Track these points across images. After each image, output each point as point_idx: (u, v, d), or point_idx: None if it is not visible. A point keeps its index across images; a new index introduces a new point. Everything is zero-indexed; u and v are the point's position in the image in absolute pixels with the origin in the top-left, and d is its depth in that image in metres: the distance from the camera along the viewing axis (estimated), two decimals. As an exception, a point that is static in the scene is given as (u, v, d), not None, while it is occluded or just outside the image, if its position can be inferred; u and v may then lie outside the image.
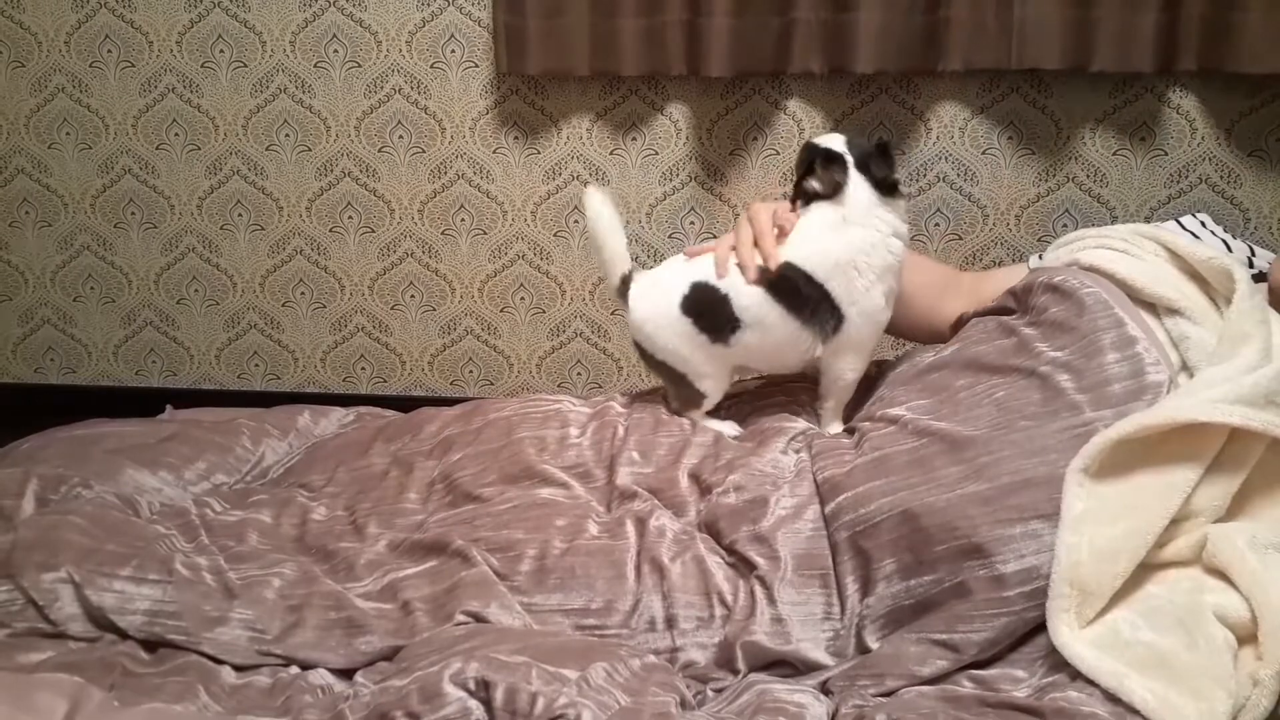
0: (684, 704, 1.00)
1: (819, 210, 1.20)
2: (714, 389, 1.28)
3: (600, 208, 1.27)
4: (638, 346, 1.30)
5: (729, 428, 1.29)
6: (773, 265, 1.19)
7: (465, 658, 0.98)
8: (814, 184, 1.20)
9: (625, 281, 1.27)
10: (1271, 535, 0.95)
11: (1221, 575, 0.95)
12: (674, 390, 1.30)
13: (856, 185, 1.19)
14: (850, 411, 1.30)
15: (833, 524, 1.11)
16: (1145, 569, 0.97)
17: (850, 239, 1.19)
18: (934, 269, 1.42)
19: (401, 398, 1.96)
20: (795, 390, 1.36)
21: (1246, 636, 0.91)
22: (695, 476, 1.22)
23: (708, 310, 1.23)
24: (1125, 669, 0.89)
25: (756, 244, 1.20)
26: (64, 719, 0.73)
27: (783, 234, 1.20)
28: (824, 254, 1.19)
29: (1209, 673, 0.87)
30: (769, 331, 1.22)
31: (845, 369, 1.25)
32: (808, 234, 1.20)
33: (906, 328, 1.38)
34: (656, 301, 1.26)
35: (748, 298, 1.21)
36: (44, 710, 0.73)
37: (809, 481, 1.17)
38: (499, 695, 0.92)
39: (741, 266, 1.21)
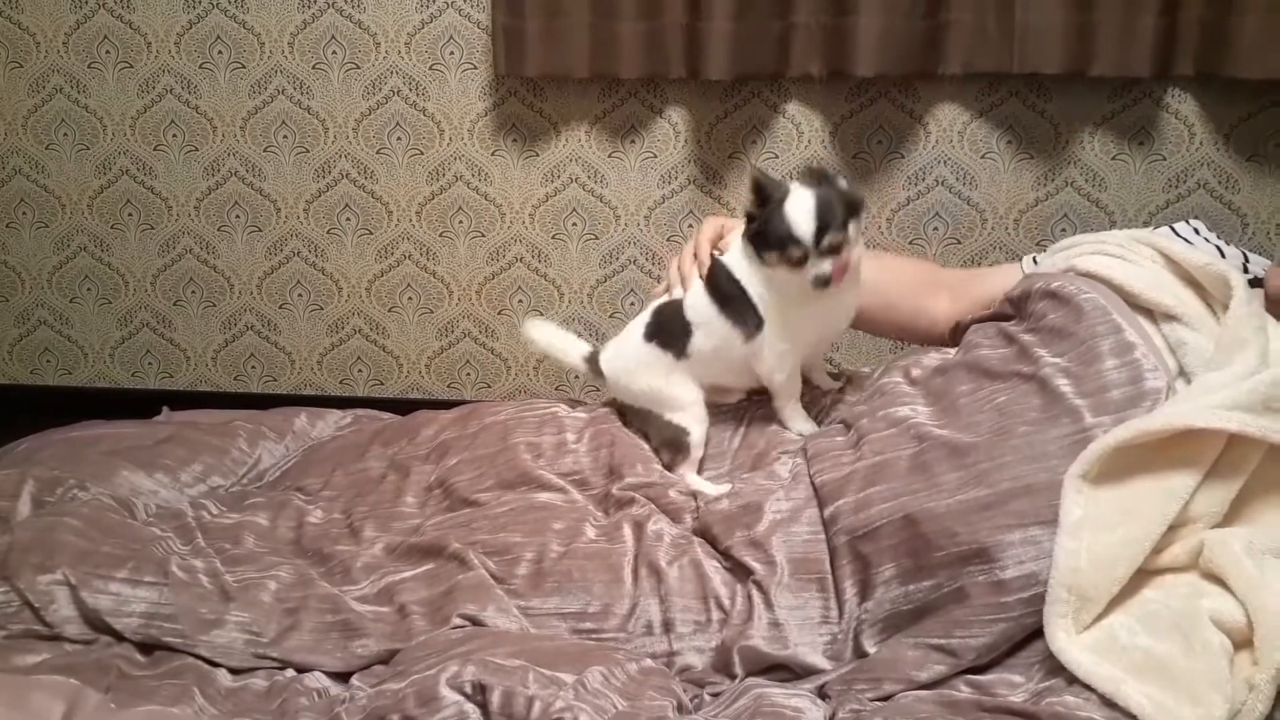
0: (681, 708, 1.00)
1: None
2: (694, 421, 1.27)
3: (540, 335, 1.41)
4: (620, 407, 1.35)
5: (713, 489, 1.26)
6: (701, 272, 1.26)
7: (462, 661, 0.98)
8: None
9: (593, 359, 1.36)
10: (1268, 541, 0.95)
11: (1218, 580, 0.94)
12: (660, 439, 1.29)
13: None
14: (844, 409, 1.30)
15: (831, 528, 1.11)
16: (1143, 574, 0.97)
17: None
18: (912, 270, 1.43)
19: (398, 400, 1.96)
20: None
21: (1242, 641, 0.91)
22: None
23: (666, 325, 1.29)
24: (1122, 674, 0.89)
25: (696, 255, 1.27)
26: (61, 721, 0.73)
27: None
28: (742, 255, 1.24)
29: (1205, 678, 0.87)
30: (711, 331, 1.26)
31: (772, 370, 1.26)
32: (738, 236, 1.25)
33: (896, 330, 1.39)
34: (621, 351, 1.33)
35: (693, 296, 1.27)
36: (40, 712, 0.73)
37: (805, 485, 1.17)
38: (495, 699, 0.92)
39: (681, 276, 1.27)
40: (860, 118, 1.76)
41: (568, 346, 1.39)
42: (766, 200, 1.17)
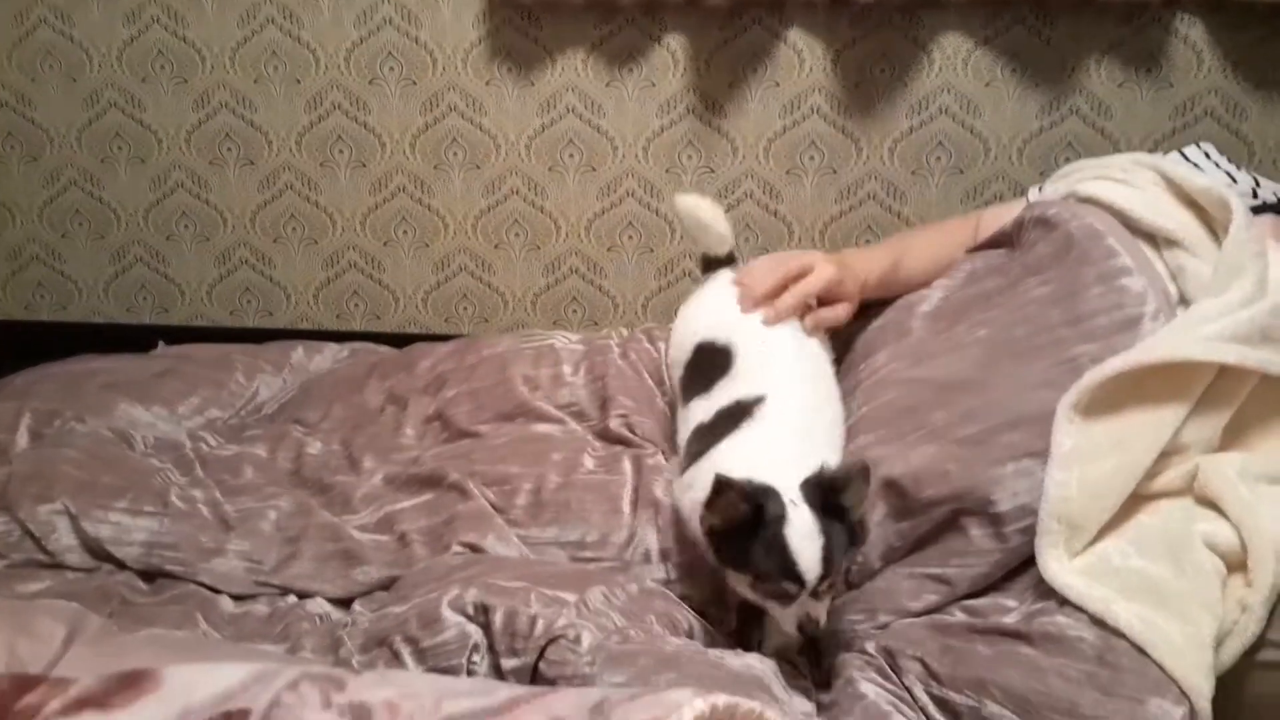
0: (677, 627, 1.01)
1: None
2: None
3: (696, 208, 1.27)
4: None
5: None
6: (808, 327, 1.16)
7: (464, 584, 0.99)
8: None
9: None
10: (1263, 466, 0.95)
11: (1212, 505, 0.95)
12: None
13: None
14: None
15: None
16: (1136, 499, 0.97)
17: None
18: (960, 230, 1.37)
19: (396, 335, 1.95)
20: None
21: (1236, 564, 0.92)
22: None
23: None
24: (1113, 595, 0.90)
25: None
26: (63, 643, 0.74)
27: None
28: None
29: (1196, 598, 0.88)
30: None
31: None
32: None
33: None
34: None
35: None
36: (43, 635, 0.74)
37: None
38: (498, 618, 0.93)
39: (774, 309, 1.14)
40: (863, 45, 1.72)
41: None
42: (759, 513, 0.92)
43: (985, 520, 1.00)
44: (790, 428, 1.03)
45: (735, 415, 1.03)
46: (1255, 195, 1.20)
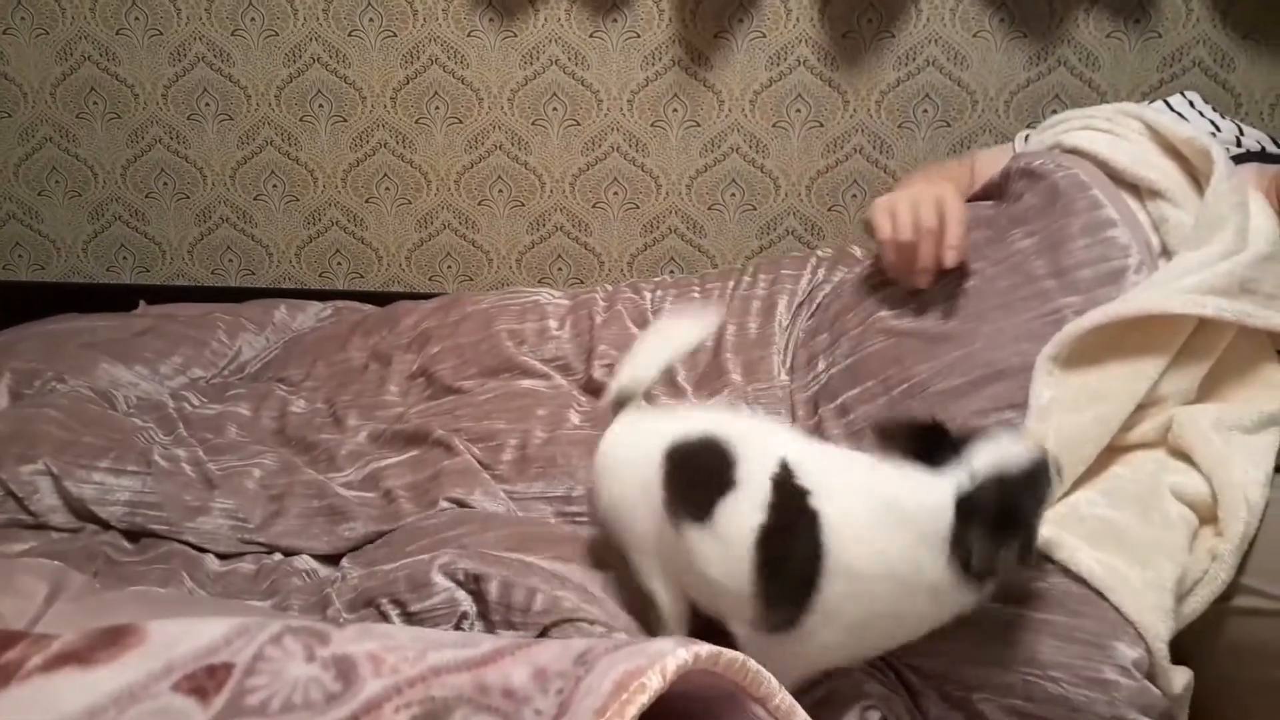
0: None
1: None
2: None
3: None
4: None
5: None
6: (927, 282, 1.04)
7: (456, 549, 0.98)
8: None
9: None
10: (1236, 417, 0.96)
11: (1185, 457, 0.95)
12: None
13: None
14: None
15: (818, 434, 1.11)
16: (1111, 451, 0.98)
17: None
18: (959, 173, 1.35)
19: (379, 293, 1.93)
20: None
21: (1208, 515, 0.93)
22: (672, 375, 1.21)
23: None
24: (1078, 542, 0.90)
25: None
26: (45, 600, 0.74)
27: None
28: None
29: (1158, 545, 0.89)
30: None
31: None
32: None
33: None
34: None
35: None
36: (25, 592, 0.74)
37: (785, 402, 1.17)
38: (493, 588, 0.91)
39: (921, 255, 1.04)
40: (850, -5, 1.70)
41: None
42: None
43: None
44: None
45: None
46: (1239, 144, 1.20)
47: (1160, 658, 0.84)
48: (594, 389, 1.23)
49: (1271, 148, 1.21)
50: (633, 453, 0.91)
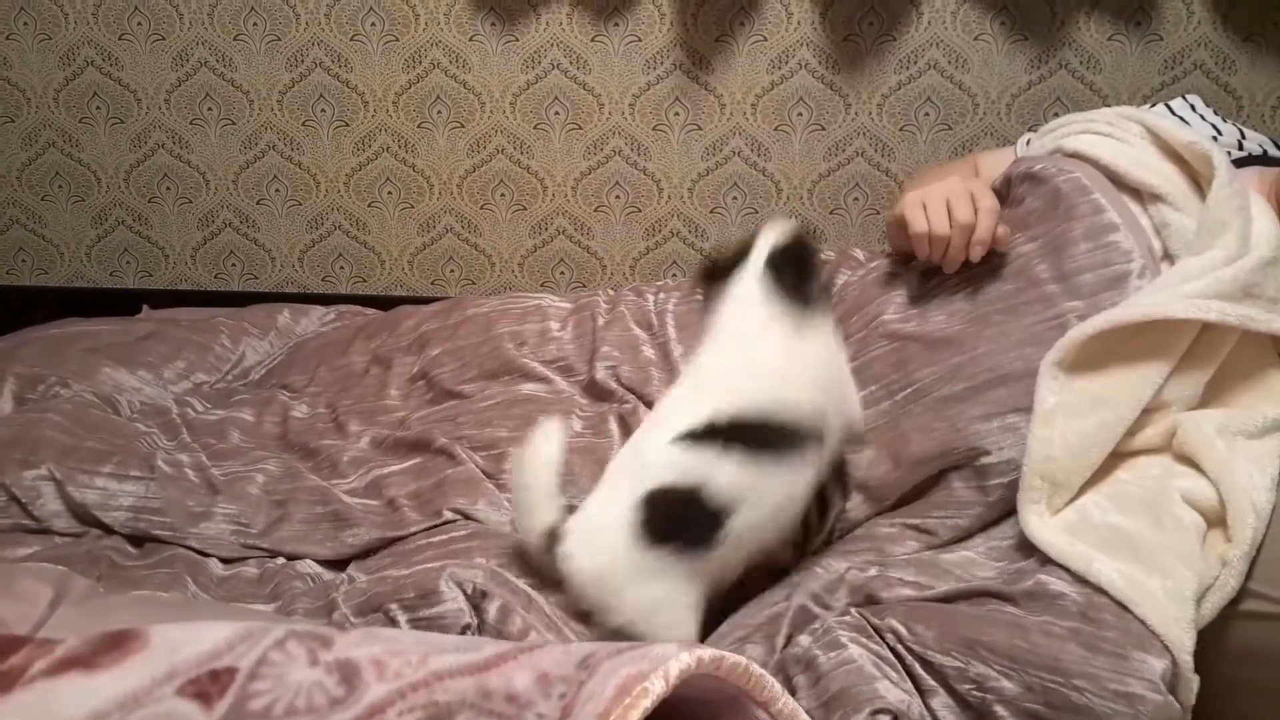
0: None
1: None
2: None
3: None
4: None
5: None
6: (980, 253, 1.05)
7: (466, 561, 0.98)
8: None
9: None
10: (1241, 422, 0.96)
11: (1190, 462, 0.95)
12: None
13: None
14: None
15: None
16: (1116, 456, 0.98)
17: None
18: (964, 173, 1.35)
19: (382, 298, 1.94)
20: None
21: (1215, 520, 0.93)
22: (673, 377, 1.21)
23: None
24: (1094, 551, 0.90)
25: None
26: (49, 605, 0.74)
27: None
28: None
29: (1175, 552, 0.89)
30: None
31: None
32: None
33: None
34: None
35: None
36: (29, 597, 0.74)
37: None
38: (493, 610, 0.91)
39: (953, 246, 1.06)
40: (851, -1, 1.71)
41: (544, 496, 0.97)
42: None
43: (969, 474, 1.01)
44: None
45: None
46: (1241, 147, 1.20)
47: (1186, 670, 0.83)
48: (596, 391, 1.23)
49: (1273, 151, 1.21)
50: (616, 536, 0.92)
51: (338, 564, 1.10)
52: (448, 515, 1.11)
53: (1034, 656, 0.84)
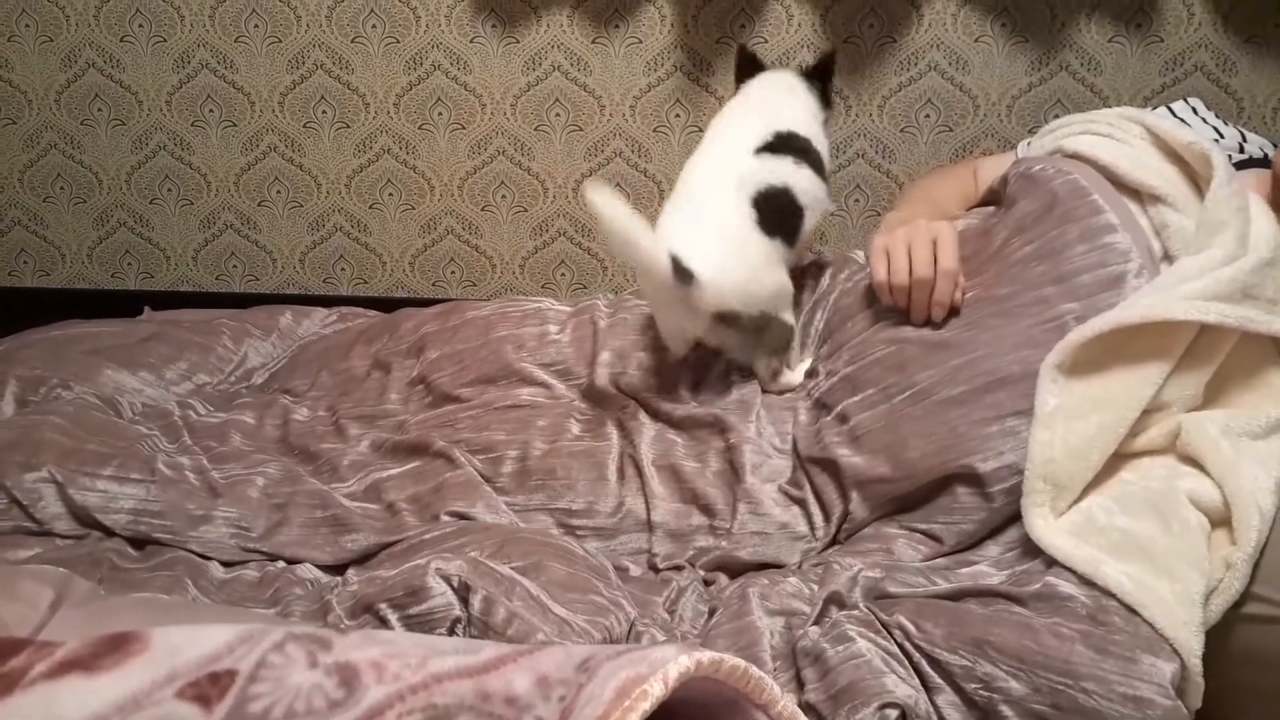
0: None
1: None
2: (789, 311, 1.19)
3: (612, 212, 1.06)
4: (712, 323, 1.13)
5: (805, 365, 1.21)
6: (950, 299, 1.09)
7: (453, 554, 0.98)
8: None
9: (681, 268, 1.07)
10: (1244, 423, 0.96)
11: (1195, 463, 0.95)
12: (778, 343, 1.16)
13: None
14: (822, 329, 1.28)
15: (816, 442, 1.11)
16: (1119, 457, 0.98)
17: None
18: (963, 176, 1.36)
19: (383, 299, 1.94)
20: None
21: (1219, 521, 0.93)
22: (674, 381, 1.21)
23: (779, 214, 1.14)
24: (1101, 554, 0.90)
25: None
26: (50, 606, 0.74)
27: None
28: None
29: (1183, 555, 0.88)
30: (817, 208, 1.21)
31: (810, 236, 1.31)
32: (800, 103, 1.31)
33: None
34: (738, 252, 1.11)
35: (804, 179, 1.19)
36: (29, 599, 0.74)
37: (788, 401, 1.17)
38: (476, 602, 0.91)
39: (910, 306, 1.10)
40: (852, 1, 1.70)
41: (645, 237, 1.07)
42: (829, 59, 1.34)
43: (971, 479, 1.01)
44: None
45: None
46: (1242, 150, 1.20)
47: (1195, 674, 0.83)
48: (595, 395, 1.23)
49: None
50: (750, 254, 1.13)
51: (336, 568, 1.10)
52: (445, 519, 1.11)
53: (1043, 657, 0.84)
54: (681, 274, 1.06)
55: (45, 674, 0.56)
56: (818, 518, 1.09)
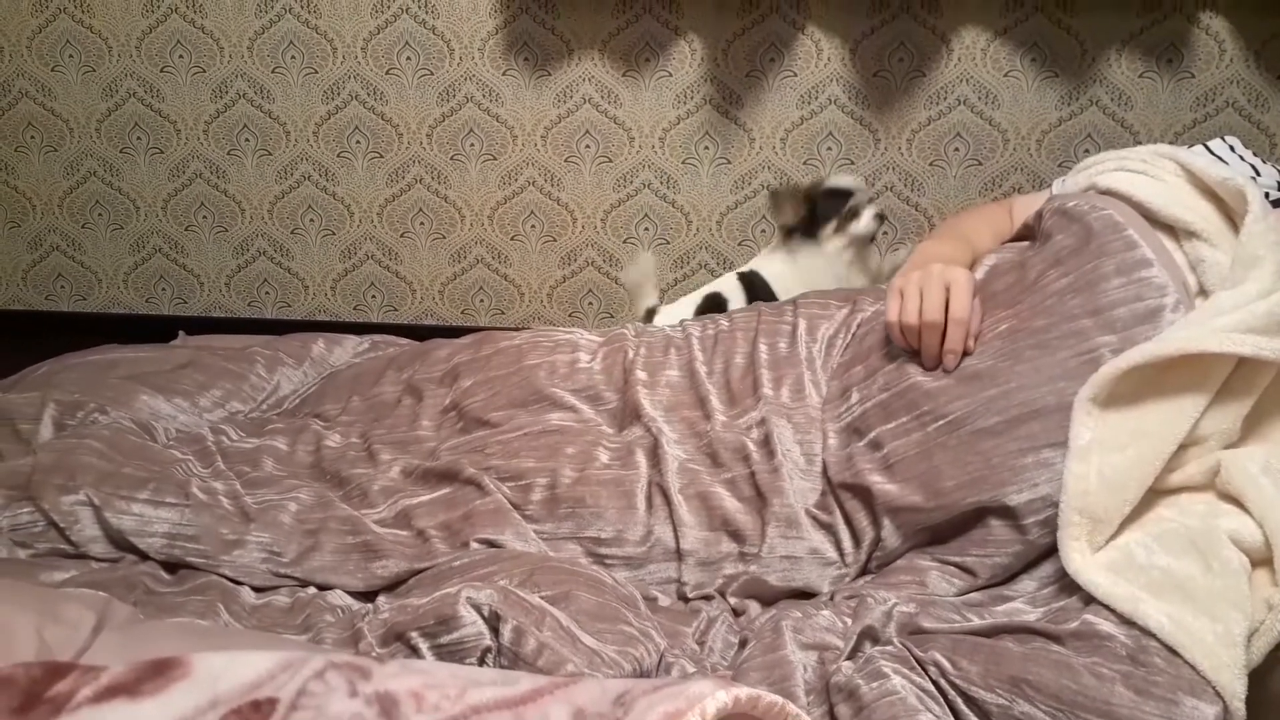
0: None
1: None
2: None
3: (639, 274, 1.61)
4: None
5: None
6: (959, 346, 1.09)
7: (483, 583, 0.98)
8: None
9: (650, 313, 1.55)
10: None
11: (1235, 501, 0.94)
12: None
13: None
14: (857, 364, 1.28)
15: (848, 467, 1.11)
16: (1156, 493, 0.97)
17: None
18: (994, 215, 1.36)
19: (413, 326, 1.96)
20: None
21: (1260, 561, 0.91)
22: (703, 400, 1.22)
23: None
24: (1140, 593, 0.89)
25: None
26: (92, 630, 0.74)
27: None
28: None
29: (1224, 596, 0.87)
30: None
31: None
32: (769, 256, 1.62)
33: None
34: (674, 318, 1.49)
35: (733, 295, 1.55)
36: (72, 622, 0.75)
37: (817, 428, 1.17)
38: (507, 632, 0.91)
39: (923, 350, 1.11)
40: (881, 34, 1.72)
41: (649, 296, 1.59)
42: (810, 197, 1.55)
43: (1005, 511, 1.00)
44: None
45: None
46: None
47: (1238, 717, 0.82)
48: (624, 418, 1.22)
49: (1312, 192, 1.20)
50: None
51: (367, 595, 1.11)
52: (475, 546, 1.11)
53: (1083, 698, 0.83)
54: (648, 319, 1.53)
55: (91, 698, 0.57)
56: (847, 544, 1.08)
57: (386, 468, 1.25)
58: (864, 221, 1.56)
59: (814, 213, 1.56)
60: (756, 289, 1.56)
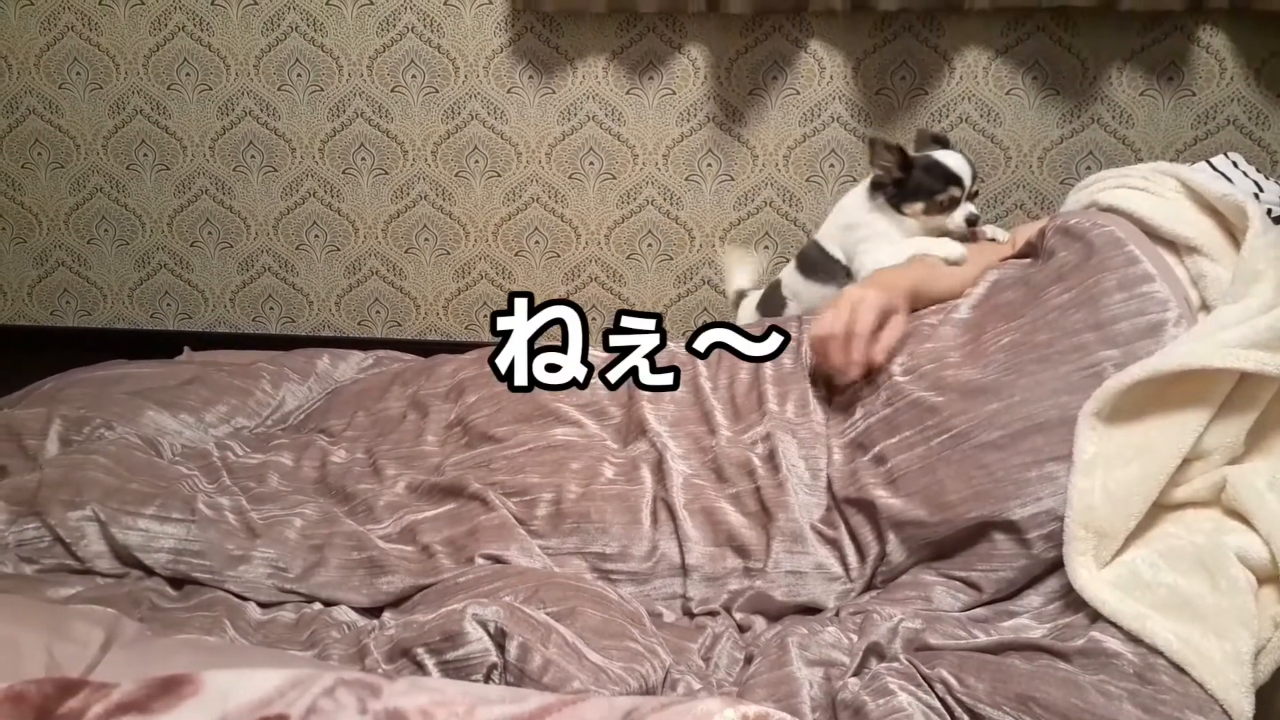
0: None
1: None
2: None
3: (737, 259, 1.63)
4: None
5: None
6: (874, 358, 1.14)
7: (488, 599, 0.98)
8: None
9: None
10: None
11: (1241, 517, 0.94)
12: None
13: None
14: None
15: (853, 482, 1.11)
16: (1161, 509, 0.97)
17: None
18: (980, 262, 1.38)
19: (416, 342, 1.97)
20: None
21: (1267, 578, 0.92)
22: (708, 416, 1.22)
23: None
24: (1147, 610, 0.89)
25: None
26: (101, 647, 0.75)
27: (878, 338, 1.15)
28: None
29: (1232, 614, 0.87)
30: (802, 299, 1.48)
31: None
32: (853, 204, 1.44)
33: None
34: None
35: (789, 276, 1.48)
36: (81, 639, 0.75)
37: (823, 442, 1.17)
38: (513, 649, 0.91)
39: (852, 364, 1.15)
40: (883, 53, 1.73)
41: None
42: (909, 162, 1.35)
43: (1009, 525, 1.01)
44: None
45: None
46: (1283, 205, 1.20)
47: None
48: (630, 432, 1.23)
49: (1314, 209, 1.21)
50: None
51: (372, 610, 1.11)
52: (480, 562, 1.11)
53: (1090, 716, 0.83)
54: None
55: (102, 715, 0.57)
56: (852, 559, 1.09)
57: (392, 483, 1.25)
58: (955, 218, 1.36)
59: (906, 180, 1.34)
60: (807, 260, 1.46)
